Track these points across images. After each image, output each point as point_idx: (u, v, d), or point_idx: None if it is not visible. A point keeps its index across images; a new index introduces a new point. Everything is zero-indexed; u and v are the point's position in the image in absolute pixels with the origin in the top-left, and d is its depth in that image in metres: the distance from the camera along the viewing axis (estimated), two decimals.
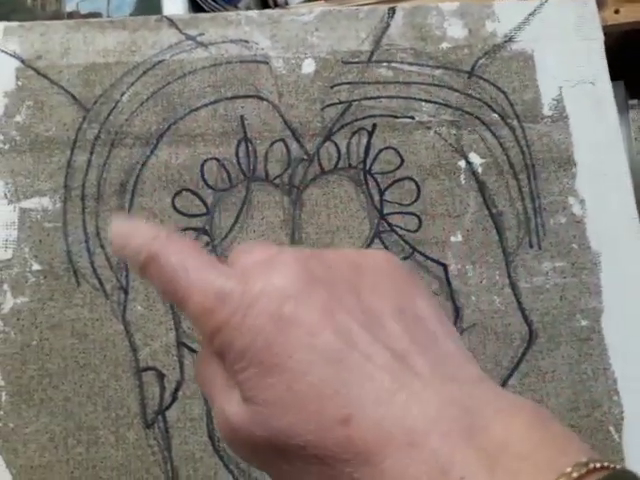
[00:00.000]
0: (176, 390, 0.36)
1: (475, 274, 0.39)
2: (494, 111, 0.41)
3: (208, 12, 0.52)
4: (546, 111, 0.42)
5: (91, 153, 0.39)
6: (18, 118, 0.40)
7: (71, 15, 0.54)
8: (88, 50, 0.41)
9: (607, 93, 0.42)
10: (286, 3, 0.54)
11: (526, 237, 0.39)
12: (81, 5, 0.54)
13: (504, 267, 0.39)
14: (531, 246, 0.39)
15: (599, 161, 0.41)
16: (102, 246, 0.38)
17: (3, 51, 0.41)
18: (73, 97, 0.40)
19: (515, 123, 0.41)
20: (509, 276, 0.39)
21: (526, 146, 0.41)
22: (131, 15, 0.53)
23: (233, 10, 0.53)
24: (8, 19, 0.44)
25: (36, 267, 0.37)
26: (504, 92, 0.42)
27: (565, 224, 0.40)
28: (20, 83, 0.40)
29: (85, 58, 0.41)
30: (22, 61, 0.41)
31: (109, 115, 0.40)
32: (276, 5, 0.54)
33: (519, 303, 0.38)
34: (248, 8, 0.54)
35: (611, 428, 0.37)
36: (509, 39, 0.43)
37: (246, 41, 0.41)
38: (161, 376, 0.36)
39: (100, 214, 0.38)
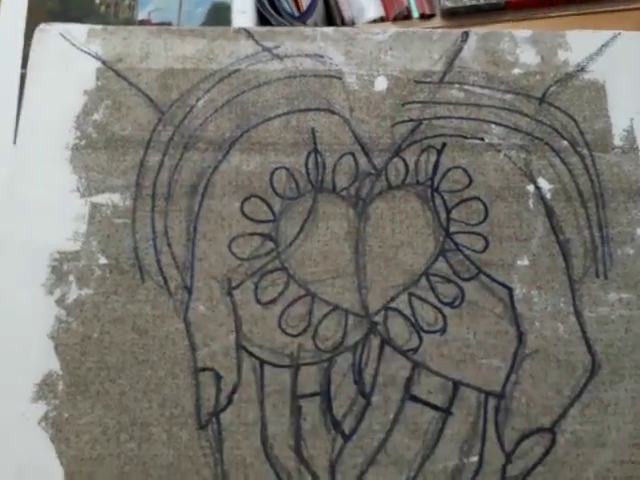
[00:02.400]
0: (232, 393, 0.38)
1: (540, 300, 0.41)
2: (564, 138, 0.44)
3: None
4: (617, 141, 0.44)
5: (164, 154, 0.43)
6: (96, 116, 0.44)
7: (142, 23, 0.59)
8: (167, 56, 0.45)
9: None
10: (353, 23, 0.58)
11: (593, 266, 0.41)
12: (153, 14, 0.59)
13: (569, 295, 0.41)
14: (597, 275, 0.41)
15: None
16: (169, 245, 0.41)
17: (86, 52, 0.45)
18: (150, 99, 0.44)
19: (585, 151, 0.44)
20: (574, 304, 0.40)
21: (595, 175, 0.43)
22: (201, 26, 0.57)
23: (301, 26, 0.58)
24: (81, 23, 0.48)
25: (103, 261, 0.40)
26: (575, 120, 0.44)
27: (633, 255, 0.42)
28: (100, 83, 0.44)
29: (164, 63, 0.45)
30: (103, 62, 0.45)
31: (184, 119, 0.43)
32: (343, 23, 0.58)
33: (583, 332, 0.40)
34: (315, 24, 0.58)
35: None
36: (581, 69, 0.46)
37: (321, 56, 0.45)
38: (218, 378, 0.38)
39: (169, 213, 0.41)
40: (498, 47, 0.46)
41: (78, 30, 0.46)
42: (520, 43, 0.46)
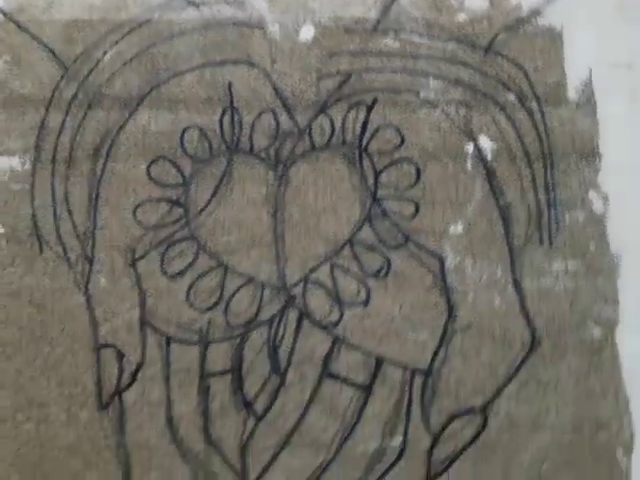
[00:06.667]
0: (136, 371, 0.42)
1: (475, 269, 0.44)
2: (511, 91, 0.47)
3: None
4: (571, 95, 0.47)
5: (66, 113, 0.46)
6: None
7: None
8: (73, 5, 0.49)
9: None
10: None
11: (536, 233, 0.45)
12: None
13: (508, 264, 0.44)
14: (541, 243, 0.45)
15: (628, 154, 0.46)
16: (69, 212, 0.45)
17: None
18: (53, 53, 0.47)
19: (534, 106, 0.47)
20: (513, 274, 0.44)
21: (545, 132, 0.46)
22: None
23: None
24: None
25: None
26: (525, 71, 0.47)
27: (583, 221, 0.45)
28: None
29: (69, 13, 0.49)
30: (3, 13, 0.49)
31: (89, 74, 0.47)
32: None
33: (522, 305, 0.44)
34: None
35: (618, 453, 0.42)
36: (536, 13, 0.49)
37: (242, 2, 0.48)
38: (121, 355, 0.43)
39: (70, 178, 0.45)
40: None
41: None
42: None
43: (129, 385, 0.42)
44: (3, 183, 0.46)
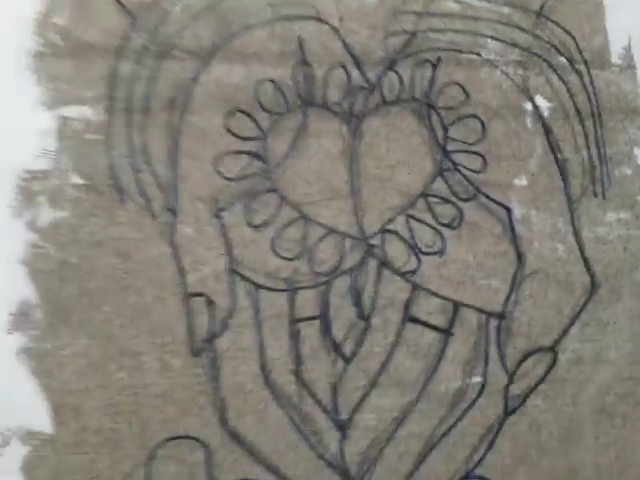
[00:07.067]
0: (227, 318, 0.44)
1: (539, 220, 0.49)
2: (562, 55, 0.53)
3: None
4: (614, 59, 0.53)
5: (138, 64, 0.47)
6: (59, 20, 0.47)
7: None
8: None
9: None
10: None
11: (591, 185, 0.50)
12: None
13: (568, 215, 0.49)
14: (595, 195, 0.50)
15: None
16: (149, 163, 0.46)
17: None
18: (119, 2, 0.48)
19: (583, 69, 0.52)
20: (573, 224, 0.49)
21: (593, 93, 0.52)
22: None
23: None
24: None
25: (76, 180, 0.46)
26: (573, 37, 0.53)
27: (630, 175, 0.51)
28: None
29: None
30: None
31: (158, 25, 0.48)
32: None
33: (582, 252, 0.49)
34: None
35: None
36: None
37: None
38: (211, 303, 0.44)
39: (147, 129, 0.46)
40: None
41: None
42: None
43: (221, 332, 0.44)
44: (77, 133, 0.47)
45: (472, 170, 0.51)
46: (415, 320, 0.48)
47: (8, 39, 0.49)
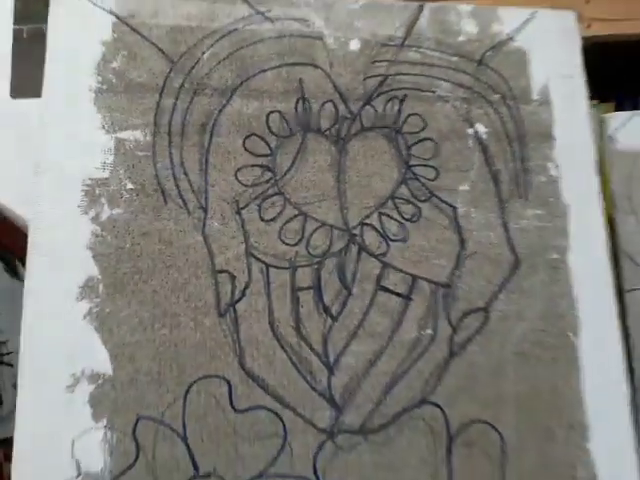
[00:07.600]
0: (245, 289, 0.44)
1: (477, 215, 0.49)
2: (496, 93, 0.52)
3: None
4: (535, 96, 0.53)
5: (176, 98, 0.47)
6: (114, 64, 0.47)
7: None
8: (175, 14, 0.50)
9: (581, 86, 0.53)
10: None
11: (516, 190, 0.50)
12: None
13: (499, 211, 0.50)
14: (519, 197, 0.50)
15: (571, 136, 0.52)
16: (185, 173, 0.46)
17: (101, 7, 0.48)
18: (161, 51, 0.48)
19: (512, 103, 0.52)
20: (502, 218, 0.49)
21: (519, 121, 0.51)
22: None
23: None
24: None
25: (129, 186, 0.45)
26: (505, 79, 0.52)
27: (545, 182, 0.51)
28: (116, 36, 0.48)
29: (172, 20, 0.49)
30: (117, 17, 0.48)
31: (192, 68, 0.48)
32: None
33: (509, 239, 0.49)
34: None
35: (569, 333, 0.47)
36: (510, 38, 0.53)
37: (305, 20, 0.51)
38: (233, 278, 0.44)
39: (184, 148, 0.46)
40: (446, 18, 0.53)
41: None
42: (463, 16, 0.54)
43: (240, 298, 0.44)
44: (130, 150, 0.46)
45: (428, 179, 0.49)
46: (385, 289, 0.47)
47: (76, 79, 0.48)
